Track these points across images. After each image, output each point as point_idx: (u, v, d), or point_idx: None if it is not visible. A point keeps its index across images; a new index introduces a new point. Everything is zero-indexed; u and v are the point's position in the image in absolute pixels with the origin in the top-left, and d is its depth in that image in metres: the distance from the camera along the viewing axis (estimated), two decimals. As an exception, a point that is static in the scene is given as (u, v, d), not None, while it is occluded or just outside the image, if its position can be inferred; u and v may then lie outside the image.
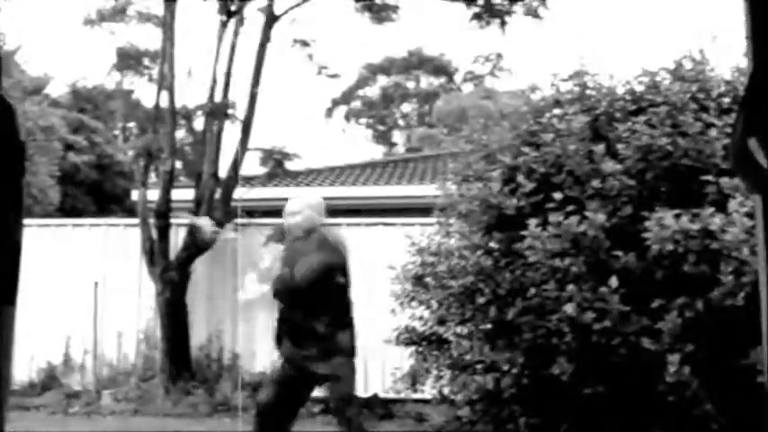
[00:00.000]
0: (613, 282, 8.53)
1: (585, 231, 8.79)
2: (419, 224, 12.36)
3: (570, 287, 8.66)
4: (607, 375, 8.73)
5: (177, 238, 15.01)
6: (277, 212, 15.39)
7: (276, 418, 7.70)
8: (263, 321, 14.88)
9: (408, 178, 19.53)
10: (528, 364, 9.26)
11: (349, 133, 61.79)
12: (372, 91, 53.05)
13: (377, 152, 50.00)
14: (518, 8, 15.99)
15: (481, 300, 9.50)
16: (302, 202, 7.93)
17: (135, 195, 16.42)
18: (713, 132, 9.04)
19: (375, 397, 13.69)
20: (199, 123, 17.86)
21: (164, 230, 14.90)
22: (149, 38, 27.04)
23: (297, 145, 26.82)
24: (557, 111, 10.27)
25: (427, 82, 52.75)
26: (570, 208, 8.96)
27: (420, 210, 12.43)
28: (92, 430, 12.63)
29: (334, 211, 15.86)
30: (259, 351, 14.74)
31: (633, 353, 8.56)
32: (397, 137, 53.11)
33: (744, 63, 9.21)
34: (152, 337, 15.05)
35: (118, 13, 17.98)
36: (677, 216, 8.47)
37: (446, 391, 10.66)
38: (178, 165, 20.07)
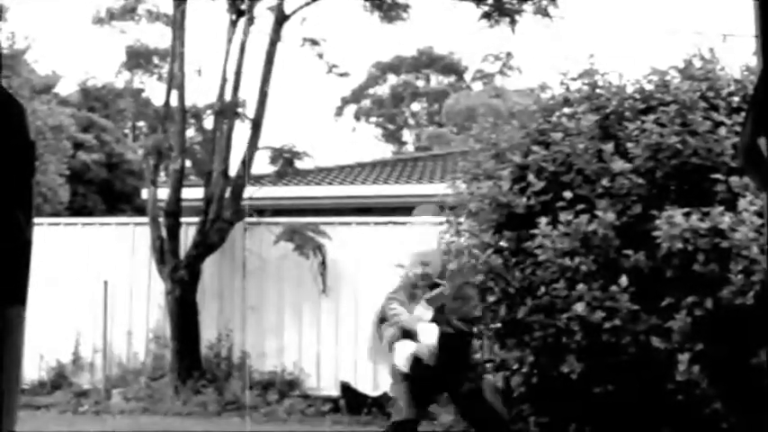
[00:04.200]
0: (623, 280, 8.53)
1: (595, 230, 8.79)
2: (429, 223, 12.34)
3: (580, 286, 8.67)
4: (617, 374, 8.72)
5: (187, 237, 15.01)
6: (287, 211, 15.50)
7: None
8: (272, 321, 14.91)
9: (418, 177, 19.52)
10: (538, 363, 9.26)
11: (359, 132, 61.83)
12: (382, 90, 53.07)
13: (386, 151, 50.05)
14: (528, 7, 15.95)
15: (491, 298, 9.49)
16: None
17: (145, 194, 16.40)
18: (723, 131, 9.03)
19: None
20: (209, 122, 17.82)
21: (173, 229, 14.89)
22: (159, 36, 27.02)
23: (307, 144, 26.79)
24: (566, 110, 10.27)
25: (437, 81, 52.77)
26: (580, 207, 8.97)
27: (430, 208, 12.40)
28: (101, 429, 12.64)
29: (345, 210, 15.96)
30: (268, 350, 14.75)
31: (643, 352, 8.56)
32: (407, 136, 53.15)
33: (753, 62, 9.20)
34: (162, 336, 15.05)
35: (127, 12, 17.99)
36: (687, 215, 8.47)
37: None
38: (188, 164, 20.06)
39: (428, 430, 11.73)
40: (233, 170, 15.27)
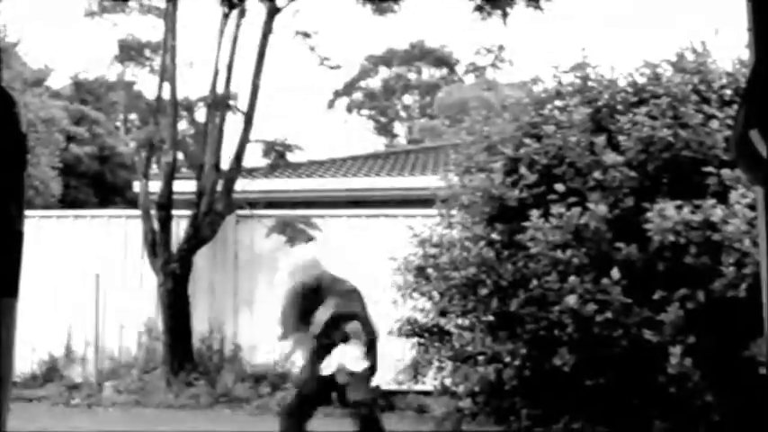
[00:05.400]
0: (615, 273, 8.54)
1: (587, 223, 8.80)
2: (421, 215, 12.34)
3: (572, 279, 8.68)
4: (608, 367, 8.74)
5: (179, 230, 15.00)
6: (279, 204, 15.49)
7: None
8: (265, 313, 14.91)
9: (410, 170, 19.51)
10: (530, 356, 9.27)
11: (351, 125, 61.80)
12: (374, 82, 53.03)
13: (378, 144, 50.00)
14: (520, -1, 15.94)
15: (483, 291, 9.50)
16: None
17: (137, 187, 16.39)
18: (714, 124, 9.04)
19: (377, 388, 13.67)
20: (201, 115, 17.86)
21: (165, 222, 14.88)
22: (151, 29, 26.97)
23: (298, 136, 26.75)
24: (558, 102, 10.28)
25: (429, 73, 52.73)
26: (572, 199, 8.98)
27: (422, 201, 12.41)
28: (93, 422, 12.63)
29: (336, 202, 15.95)
30: (260, 343, 14.74)
31: (635, 344, 8.58)
32: (399, 128, 53.12)
33: (745, 55, 9.21)
34: (154, 329, 15.04)
35: (119, 5, 17.97)
36: (679, 207, 8.48)
37: (448, 382, 10.66)
38: (180, 156, 20.08)
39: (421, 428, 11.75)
40: (225, 163, 15.26)
